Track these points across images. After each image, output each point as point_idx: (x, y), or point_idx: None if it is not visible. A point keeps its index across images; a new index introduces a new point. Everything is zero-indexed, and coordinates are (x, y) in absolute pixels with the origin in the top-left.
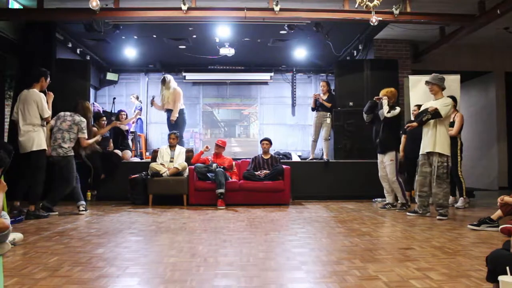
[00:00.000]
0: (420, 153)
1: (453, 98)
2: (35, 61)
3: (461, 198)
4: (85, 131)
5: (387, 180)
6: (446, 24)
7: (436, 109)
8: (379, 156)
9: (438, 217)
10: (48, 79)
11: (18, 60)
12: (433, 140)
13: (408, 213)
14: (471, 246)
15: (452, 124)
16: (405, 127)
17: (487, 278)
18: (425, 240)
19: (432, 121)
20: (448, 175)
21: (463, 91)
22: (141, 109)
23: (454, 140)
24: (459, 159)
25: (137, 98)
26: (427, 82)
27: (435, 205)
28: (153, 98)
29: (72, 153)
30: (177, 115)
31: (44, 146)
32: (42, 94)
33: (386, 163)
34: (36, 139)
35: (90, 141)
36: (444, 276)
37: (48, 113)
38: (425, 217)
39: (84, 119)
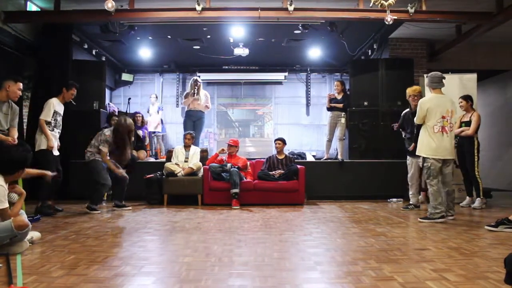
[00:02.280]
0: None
1: (469, 98)
2: (52, 63)
3: (478, 198)
4: (103, 144)
5: (415, 181)
6: (462, 22)
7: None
8: (409, 159)
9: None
10: (72, 90)
11: (36, 62)
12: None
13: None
14: (489, 247)
15: (468, 124)
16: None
17: (505, 280)
18: (441, 241)
19: None
20: (430, 175)
21: (480, 90)
22: (162, 109)
23: (471, 140)
24: (476, 159)
25: (156, 97)
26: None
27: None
28: (193, 93)
29: (94, 158)
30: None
31: (42, 146)
32: (51, 101)
33: (420, 162)
34: (38, 140)
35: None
36: (461, 278)
37: (43, 115)
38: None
39: (105, 132)
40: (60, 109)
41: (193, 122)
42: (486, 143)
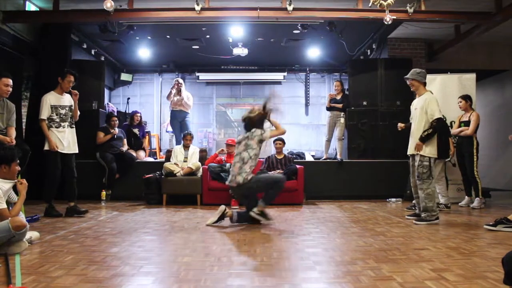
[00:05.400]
0: (408, 153)
1: (469, 97)
2: (51, 62)
3: (477, 198)
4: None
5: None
6: (461, 22)
7: (435, 120)
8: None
9: (414, 221)
10: (68, 77)
11: (35, 62)
12: (414, 142)
13: (407, 217)
14: (487, 247)
15: (467, 123)
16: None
17: (504, 280)
18: (440, 241)
19: (416, 122)
20: (430, 175)
21: (478, 90)
22: None
23: (470, 140)
24: (475, 159)
25: None
26: (405, 79)
27: (421, 207)
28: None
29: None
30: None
31: (45, 147)
32: (44, 97)
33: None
34: (45, 140)
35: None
36: (459, 277)
37: (40, 115)
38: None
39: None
40: (59, 101)
41: (179, 122)
42: (484, 142)
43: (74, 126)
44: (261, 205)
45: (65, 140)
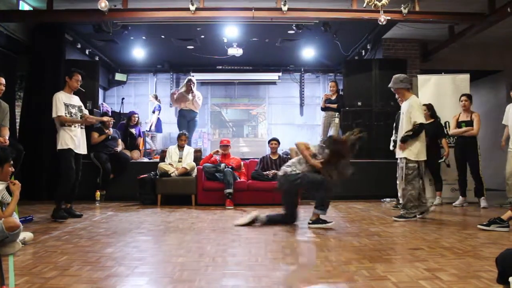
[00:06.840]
0: (396, 156)
1: (471, 97)
2: (45, 62)
3: (482, 197)
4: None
5: None
6: (455, 23)
7: (417, 124)
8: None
9: (393, 217)
10: (75, 76)
11: (29, 62)
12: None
13: (395, 218)
14: (481, 246)
15: (469, 123)
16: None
17: (497, 280)
18: (434, 241)
19: (402, 126)
20: (414, 177)
21: (472, 91)
22: (160, 109)
23: (474, 140)
24: (479, 159)
25: (156, 97)
26: (390, 88)
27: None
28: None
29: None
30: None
31: (58, 146)
32: (56, 95)
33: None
34: (58, 139)
35: None
36: (453, 277)
37: (54, 113)
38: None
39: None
40: (70, 100)
41: (187, 122)
42: (480, 143)
43: (84, 127)
44: (316, 212)
45: (76, 139)
